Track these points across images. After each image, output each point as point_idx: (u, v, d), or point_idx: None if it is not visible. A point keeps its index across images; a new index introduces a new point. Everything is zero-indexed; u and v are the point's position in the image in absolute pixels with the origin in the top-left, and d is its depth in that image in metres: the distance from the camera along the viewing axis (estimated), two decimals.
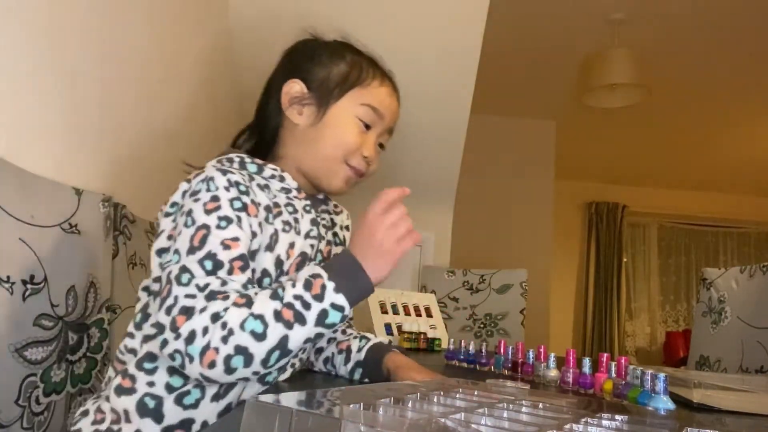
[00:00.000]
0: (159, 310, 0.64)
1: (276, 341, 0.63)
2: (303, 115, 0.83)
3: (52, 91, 0.93)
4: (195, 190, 0.70)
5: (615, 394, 0.73)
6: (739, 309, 1.31)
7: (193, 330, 0.61)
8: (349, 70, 0.84)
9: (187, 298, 0.63)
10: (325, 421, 0.36)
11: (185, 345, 0.61)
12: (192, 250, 0.66)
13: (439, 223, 2.58)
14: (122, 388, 0.70)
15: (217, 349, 0.61)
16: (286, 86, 0.84)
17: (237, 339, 0.61)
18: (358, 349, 0.87)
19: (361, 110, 0.83)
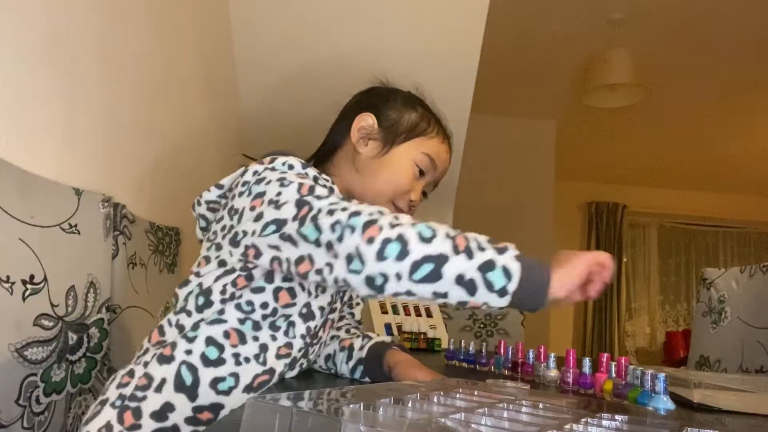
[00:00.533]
0: (300, 225, 0.66)
1: (436, 253, 0.61)
2: (368, 147, 0.91)
3: (52, 91, 0.93)
4: (275, 167, 0.75)
5: (615, 394, 0.73)
6: (739, 309, 1.31)
7: (359, 210, 0.64)
8: (418, 120, 0.93)
9: (332, 204, 0.66)
10: (325, 421, 0.36)
11: (349, 217, 0.63)
12: (307, 194, 0.69)
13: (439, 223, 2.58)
14: (163, 356, 0.71)
15: (381, 227, 0.62)
16: (359, 117, 0.92)
17: (403, 230, 0.62)
18: (360, 347, 0.89)
19: (420, 157, 0.91)
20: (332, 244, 0.63)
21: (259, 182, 0.75)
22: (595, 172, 5.27)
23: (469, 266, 0.61)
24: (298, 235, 0.66)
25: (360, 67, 0.99)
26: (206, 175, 1.69)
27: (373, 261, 0.61)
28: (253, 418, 0.39)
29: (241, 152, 0.96)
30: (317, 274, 0.66)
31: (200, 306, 0.75)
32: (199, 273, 0.77)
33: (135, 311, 1.11)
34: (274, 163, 0.77)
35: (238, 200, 0.76)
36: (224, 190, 0.82)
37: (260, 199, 0.73)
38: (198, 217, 0.85)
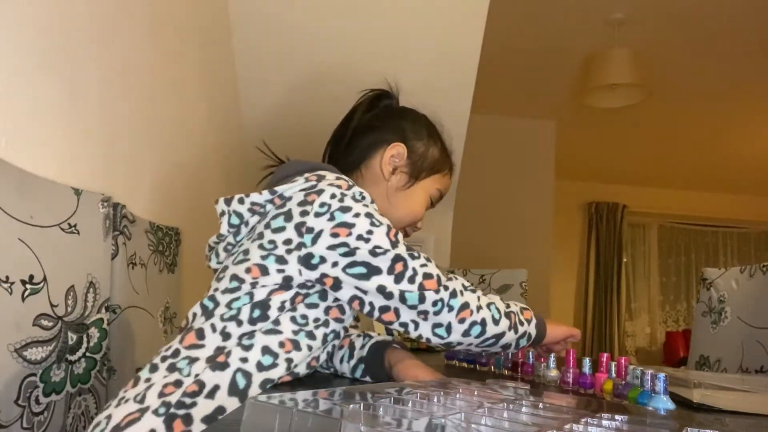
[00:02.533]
0: (397, 282, 0.73)
1: (500, 332, 0.79)
2: (395, 176, 0.97)
3: (52, 91, 0.93)
4: (357, 198, 0.78)
5: (615, 394, 0.73)
6: (739, 309, 1.31)
7: (455, 289, 0.75)
8: (439, 156, 1.01)
9: (423, 267, 0.75)
10: (325, 421, 0.36)
11: (449, 297, 0.74)
12: (395, 243, 0.76)
13: (439, 223, 2.58)
14: (218, 363, 0.70)
15: (472, 312, 0.76)
16: (392, 146, 0.96)
17: (484, 313, 0.77)
18: (360, 346, 0.90)
19: (435, 193, 1.01)
20: (427, 313, 0.74)
21: (344, 211, 0.75)
22: (595, 172, 5.27)
23: (513, 337, 0.82)
24: (397, 294, 0.73)
25: (360, 67, 0.99)
26: (206, 175, 1.69)
27: (458, 335, 0.76)
28: (253, 418, 0.39)
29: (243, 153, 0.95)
30: (400, 326, 0.76)
31: (255, 318, 0.73)
32: (256, 283, 0.75)
33: (135, 311, 1.11)
34: (352, 190, 0.78)
35: (315, 220, 0.74)
36: (275, 196, 0.79)
37: (347, 230, 0.73)
38: (231, 212, 0.82)
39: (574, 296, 5.38)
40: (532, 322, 0.84)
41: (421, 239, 2.58)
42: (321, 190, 0.77)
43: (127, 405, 0.67)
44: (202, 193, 1.61)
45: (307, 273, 0.74)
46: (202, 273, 1.16)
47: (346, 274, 0.73)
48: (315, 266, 0.74)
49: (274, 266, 0.74)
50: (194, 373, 0.69)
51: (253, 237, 0.79)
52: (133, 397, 0.68)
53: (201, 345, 0.72)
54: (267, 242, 0.76)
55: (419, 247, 2.68)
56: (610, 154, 4.80)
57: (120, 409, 0.67)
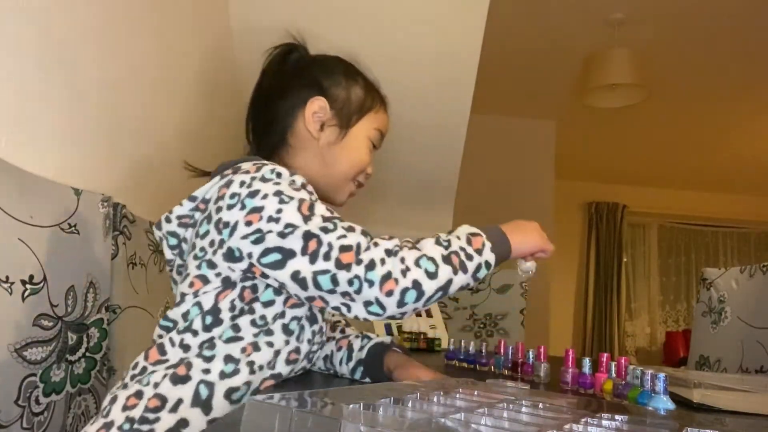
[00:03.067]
0: (312, 263, 0.66)
1: (444, 282, 0.69)
2: (324, 133, 0.90)
3: (52, 91, 0.93)
4: (266, 177, 0.72)
5: (615, 394, 0.73)
6: (739, 309, 1.31)
7: (372, 259, 0.66)
8: (364, 95, 0.93)
9: (341, 239, 0.67)
10: (325, 421, 0.36)
11: (365, 271, 0.66)
12: (308, 217, 0.69)
13: (439, 223, 2.58)
14: (177, 376, 0.69)
15: (397, 280, 0.66)
16: (311, 103, 0.89)
17: (414, 274, 0.67)
18: (360, 348, 0.89)
19: (373, 134, 0.94)
20: (349, 294, 0.67)
21: (252, 195, 0.70)
22: (595, 172, 5.27)
23: (466, 278, 0.72)
24: (310, 279, 0.66)
25: (360, 67, 0.98)
26: None
27: (393, 308, 0.67)
28: (253, 418, 0.39)
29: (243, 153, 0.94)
30: (334, 310, 0.70)
31: (208, 325, 0.72)
32: (197, 293, 0.74)
33: (135, 311, 1.11)
34: (261, 171, 0.73)
35: (228, 213, 0.71)
36: (197, 202, 0.77)
37: (257, 215, 0.69)
38: (166, 235, 0.80)
39: (574, 296, 5.37)
40: (485, 249, 0.74)
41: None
42: (230, 181, 0.73)
43: (96, 422, 0.68)
44: None
45: (237, 267, 0.72)
46: None
47: (262, 266, 0.69)
48: (239, 259, 0.71)
49: (209, 272, 0.73)
50: (153, 381, 0.69)
51: (190, 250, 0.77)
52: (101, 413, 0.69)
53: (164, 360, 0.72)
54: (198, 251, 0.74)
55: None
56: (610, 154, 4.79)
57: (92, 427, 0.68)
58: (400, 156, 2.26)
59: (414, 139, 2.20)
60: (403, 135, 1.82)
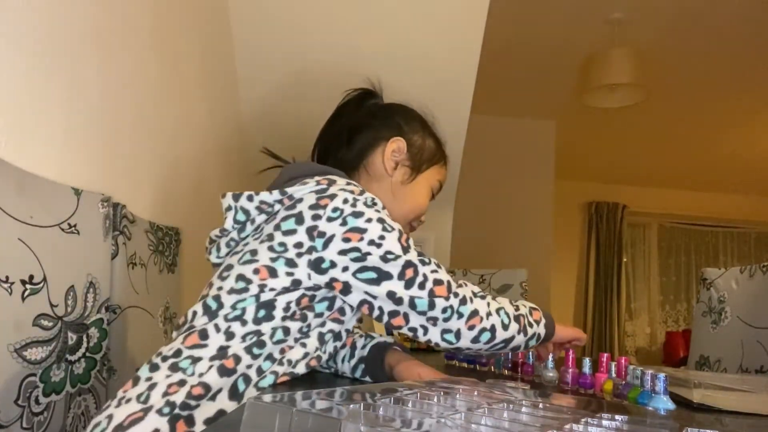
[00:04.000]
0: (407, 288, 0.74)
1: (509, 336, 0.79)
2: (398, 171, 0.97)
3: (52, 91, 0.93)
4: (369, 203, 0.78)
5: (615, 394, 0.73)
6: (739, 309, 1.31)
7: (465, 296, 0.76)
8: (436, 147, 1.02)
9: (434, 273, 0.75)
10: (325, 421, 0.36)
11: (459, 304, 0.75)
12: (406, 248, 0.76)
13: (439, 223, 2.58)
14: (225, 368, 0.70)
15: (482, 318, 0.76)
16: (392, 141, 0.97)
17: (494, 320, 0.78)
18: (362, 346, 0.91)
19: (436, 184, 1.02)
20: (437, 319, 0.75)
21: (357, 216, 0.75)
22: (595, 172, 5.27)
23: (522, 340, 0.82)
24: (407, 299, 0.74)
25: (360, 67, 0.99)
26: (206, 175, 1.69)
27: (467, 341, 0.76)
28: (253, 418, 0.39)
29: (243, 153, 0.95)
30: (409, 331, 0.76)
31: (260, 318, 0.73)
32: (264, 286, 0.74)
33: (135, 311, 1.11)
34: (365, 196, 0.78)
35: (327, 224, 0.74)
36: (285, 196, 0.79)
37: (359, 235, 0.74)
38: (239, 208, 0.81)
39: (574, 296, 5.37)
40: (541, 323, 0.85)
41: (421, 239, 2.58)
42: (334, 194, 0.77)
43: (129, 405, 0.67)
44: (202, 193, 1.61)
45: (317, 277, 0.75)
46: (202, 273, 1.16)
47: (356, 279, 0.74)
48: (325, 270, 0.74)
49: (283, 269, 0.74)
50: (198, 372, 0.70)
51: (261, 237, 0.78)
52: (135, 397, 0.68)
53: (204, 345, 0.72)
54: (277, 244, 0.75)
55: (419, 247, 2.68)
56: (610, 154, 4.79)
57: (122, 409, 0.67)
58: None
59: None
60: None
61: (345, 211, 0.75)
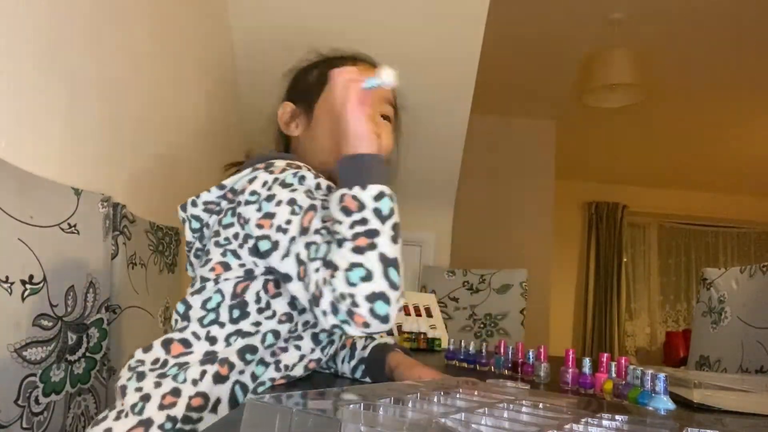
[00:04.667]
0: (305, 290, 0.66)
1: (380, 265, 0.63)
2: (298, 127, 0.91)
3: (52, 91, 0.93)
4: (287, 182, 0.72)
5: (615, 394, 0.73)
6: (739, 309, 1.31)
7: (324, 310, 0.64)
8: (320, 71, 0.91)
9: (316, 273, 0.65)
10: (325, 421, 0.36)
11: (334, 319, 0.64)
12: (305, 230, 0.67)
13: (439, 223, 2.58)
14: (219, 375, 0.70)
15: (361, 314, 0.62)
16: (279, 111, 0.93)
17: (362, 292, 0.62)
18: (362, 347, 0.90)
19: None
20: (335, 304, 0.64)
21: (269, 199, 0.71)
22: (595, 172, 5.27)
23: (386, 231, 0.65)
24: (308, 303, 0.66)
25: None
26: (206, 175, 1.69)
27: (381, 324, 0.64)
28: (253, 418, 0.39)
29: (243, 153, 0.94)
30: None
31: (235, 318, 0.73)
32: (218, 279, 0.74)
33: (135, 311, 1.11)
34: (284, 174, 0.73)
35: (246, 209, 0.72)
36: (226, 190, 0.78)
37: (269, 221, 0.70)
38: (190, 217, 0.80)
39: (574, 296, 5.37)
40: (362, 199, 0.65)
41: (421, 239, 2.58)
42: (254, 177, 0.74)
43: (127, 419, 0.66)
44: None
45: (263, 262, 0.73)
46: None
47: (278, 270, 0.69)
48: (268, 254, 0.70)
49: (234, 261, 0.74)
50: (190, 378, 0.69)
51: (212, 236, 0.78)
52: (130, 409, 0.67)
53: (189, 352, 0.72)
54: (222, 239, 0.75)
55: (419, 248, 2.67)
56: (610, 154, 4.79)
57: (120, 423, 0.66)
58: (400, 156, 2.26)
59: (415, 139, 2.20)
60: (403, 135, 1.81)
61: (261, 195, 0.72)
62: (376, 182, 0.66)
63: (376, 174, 0.67)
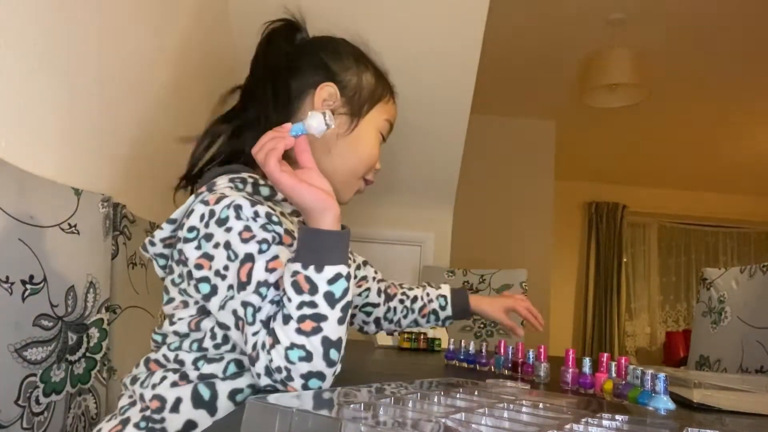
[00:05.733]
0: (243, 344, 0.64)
1: (322, 348, 0.60)
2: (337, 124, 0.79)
3: (52, 91, 0.93)
4: (222, 218, 0.66)
5: (615, 394, 0.73)
6: (739, 309, 1.31)
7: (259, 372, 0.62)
8: (375, 82, 0.85)
9: (254, 336, 0.62)
10: (325, 421, 0.36)
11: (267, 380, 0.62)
12: (242, 285, 0.63)
13: (439, 223, 2.58)
14: (176, 383, 0.69)
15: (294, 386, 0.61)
16: (322, 89, 0.80)
17: (297, 371, 0.60)
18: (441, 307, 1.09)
19: (384, 125, 0.86)
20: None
21: (208, 239, 0.66)
22: (595, 172, 5.27)
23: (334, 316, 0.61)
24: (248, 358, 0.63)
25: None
26: None
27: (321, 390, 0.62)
28: (253, 418, 0.39)
29: None
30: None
31: (197, 349, 0.70)
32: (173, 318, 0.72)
33: (135, 311, 1.11)
34: (219, 207, 0.66)
35: (185, 246, 0.68)
36: (176, 224, 0.73)
37: (209, 263, 0.65)
38: (154, 257, 0.76)
39: (574, 296, 5.37)
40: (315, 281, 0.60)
41: (421, 239, 2.58)
42: (192, 210, 0.68)
43: (114, 419, 0.70)
44: None
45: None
46: None
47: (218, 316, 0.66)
48: (204, 298, 0.66)
49: (189, 299, 0.71)
50: (152, 383, 0.69)
51: (168, 274, 0.75)
52: (119, 410, 0.71)
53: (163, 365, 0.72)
54: (177, 276, 0.72)
55: (419, 248, 2.67)
56: (610, 154, 4.79)
57: (110, 423, 0.70)
58: (400, 156, 2.26)
59: (414, 139, 2.20)
60: (403, 135, 1.82)
61: (200, 231, 0.67)
62: (335, 262, 0.61)
63: (335, 252, 0.62)
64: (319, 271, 0.60)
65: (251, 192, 0.73)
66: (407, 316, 1.09)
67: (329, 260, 0.61)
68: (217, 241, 0.65)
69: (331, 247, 0.62)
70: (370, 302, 1.06)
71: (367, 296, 1.05)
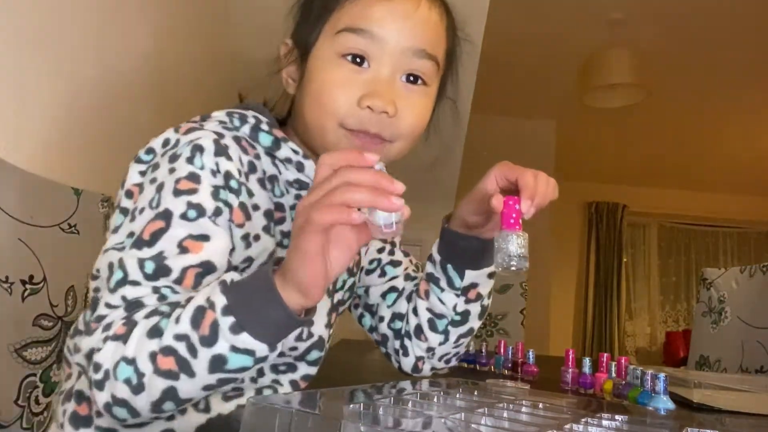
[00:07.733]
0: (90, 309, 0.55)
1: (159, 394, 0.47)
2: (291, 79, 0.66)
3: (52, 91, 0.93)
4: (176, 154, 0.55)
5: (615, 394, 0.73)
6: (739, 309, 1.31)
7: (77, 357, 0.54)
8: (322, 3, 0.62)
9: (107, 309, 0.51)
10: (325, 421, 0.36)
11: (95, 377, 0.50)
12: (139, 243, 0.51)
13: (439, 223, 2.58)
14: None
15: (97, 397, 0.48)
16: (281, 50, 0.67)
17: (112, 387, 0.47)
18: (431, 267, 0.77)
19: (340, 42, 0.58)
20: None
21: (155, 167, 0.57)
22: (595, 172, 5.27)
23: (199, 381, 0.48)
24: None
25: None
26: None
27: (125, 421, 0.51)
28: (253, 418, 0.39)
29: None
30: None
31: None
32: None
33: None
34: (183, 139, 0.56)
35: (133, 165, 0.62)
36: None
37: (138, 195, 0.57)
38: None
39: (574, 296, 5.37)
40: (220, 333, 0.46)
41: (421, 239, 2.58)
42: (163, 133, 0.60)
43: None
44: None
45: None
46: None
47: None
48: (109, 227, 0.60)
49: None
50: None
51: None
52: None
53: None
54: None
55: (419, 248, 2.67)
56: (610, 154, 4.79)
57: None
58: None
59: None
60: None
61: (156, 156, 0.59)
62: (260, 338, 0.46)
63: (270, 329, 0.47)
64: (234, 331, 0.46)
65: (247, 135, 0.59)
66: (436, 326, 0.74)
67: (255, 330, 0.46)
68: (155, 176, 0.55)
69: (271, 321, 0.47)
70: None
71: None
